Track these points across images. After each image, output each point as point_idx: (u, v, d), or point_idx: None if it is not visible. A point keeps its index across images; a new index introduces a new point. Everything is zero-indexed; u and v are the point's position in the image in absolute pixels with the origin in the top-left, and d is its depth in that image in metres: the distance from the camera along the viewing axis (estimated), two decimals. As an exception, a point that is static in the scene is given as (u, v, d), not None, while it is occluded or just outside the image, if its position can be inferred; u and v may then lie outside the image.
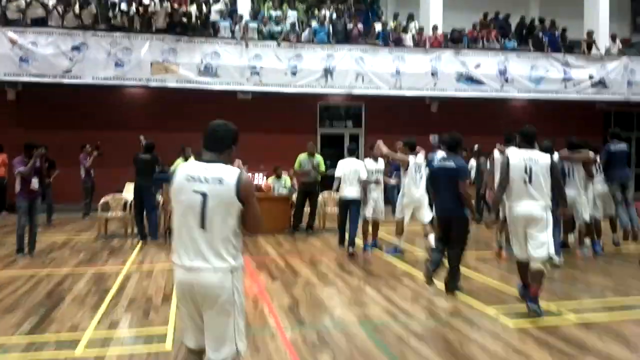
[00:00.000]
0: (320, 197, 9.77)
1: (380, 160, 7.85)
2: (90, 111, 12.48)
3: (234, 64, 12.45)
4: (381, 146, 7.13)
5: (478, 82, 13.94)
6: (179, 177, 2.52)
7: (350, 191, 7.42)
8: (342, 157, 9.10)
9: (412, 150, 7.37)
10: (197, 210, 2.43)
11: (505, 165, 4.72)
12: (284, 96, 13.02)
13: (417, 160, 7.19)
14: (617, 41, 14.92)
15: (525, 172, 4.58)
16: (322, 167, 9.42)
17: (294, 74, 12.80)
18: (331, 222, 9.70)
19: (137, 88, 12.52)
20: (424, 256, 7.09)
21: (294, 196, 9.61)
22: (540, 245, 4.54)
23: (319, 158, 9.46)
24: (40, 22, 11.48)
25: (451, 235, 5.30)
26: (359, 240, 7.67)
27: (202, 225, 2.43)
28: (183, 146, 8.83)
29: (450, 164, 5.26)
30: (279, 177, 10.22)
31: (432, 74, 13.58)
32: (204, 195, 2.44)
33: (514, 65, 13.94)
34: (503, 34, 14.84)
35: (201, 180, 2.47)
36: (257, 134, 13.10)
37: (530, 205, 4.58)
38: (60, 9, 11.64)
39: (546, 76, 14.04)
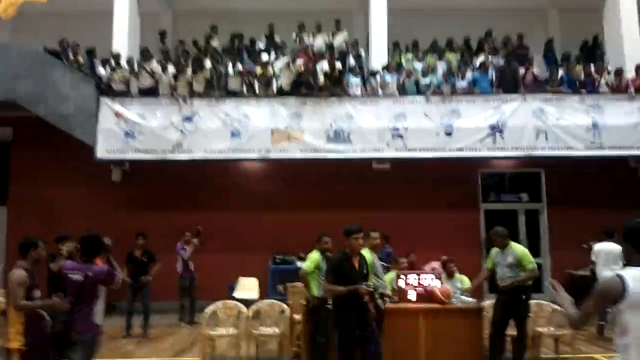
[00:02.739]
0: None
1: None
2: (201, 190, 10.48)
3: (370, 127, 9.82)
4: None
5: None
6: (637, 286, 2.40)
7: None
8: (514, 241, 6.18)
9: None
10: None
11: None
12: (433, 163, 9.97)
13: None
14: None
15: None
16: (530, 265, 5.91)
17: (449, 134, 9.79)
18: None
19: (255, 161, 10.31)
20: None
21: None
22: None
23: (518, 251, 6.00)
24: (148, 92, 9.94)
25: None
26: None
27: None
28: (321, 236, 5.97)
29: None
30: (451, 275, 6.90)
31: (644, 127, 9.78)
32: None
33: None
34: None
35: None
36: (397, 213, 10.11)
37: None
38: (171, 76, 10.05)
39: None
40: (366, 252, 5.63)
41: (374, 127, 9.81)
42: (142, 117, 9.73)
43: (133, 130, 9.67)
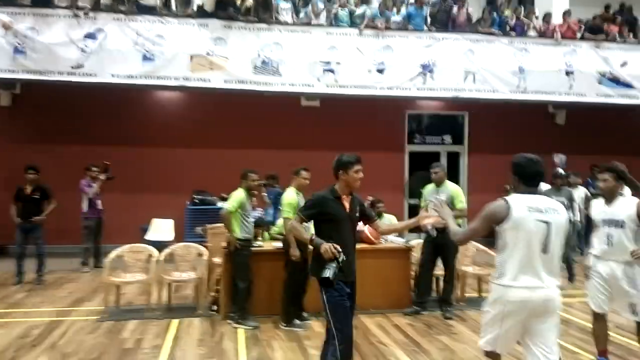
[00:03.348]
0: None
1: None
2: (108, 120, 9.36)
3: (300, 59, 9.14)
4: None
5: (625, 84, 10.28)
6: (520, 210, 2.71)
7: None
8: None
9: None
10: (540, 237, 2.69)
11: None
12: (363, 102, 9.69)
13: None
14: None
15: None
16: (460, 204, 5.83)
17: (380, 71, 9.40)
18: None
19: (172, 89, 9.32)
20: None
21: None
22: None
23: (452, 189, 5.89)
24: (42, 1, 8.46)
25: None
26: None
27: (545, 250, 2.70)
28: (246, 172, 5.41)
29: None
30: (379, 215, 6.72)
31: (567, 74, 9.99)
32: (548, 223, 2.70)
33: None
34: (630, 29, 11.12)
35: (542, 210, 2.73)
36: (324, 152, 9.66)
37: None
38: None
39: None
40: (292, 192, 5.24)
41: (305, 59, 9.14)
42: (34, 30, 8.29)
43: (24, 45, 8.24)
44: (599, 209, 3.94)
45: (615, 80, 10.23)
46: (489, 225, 2.79)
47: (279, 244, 5.37)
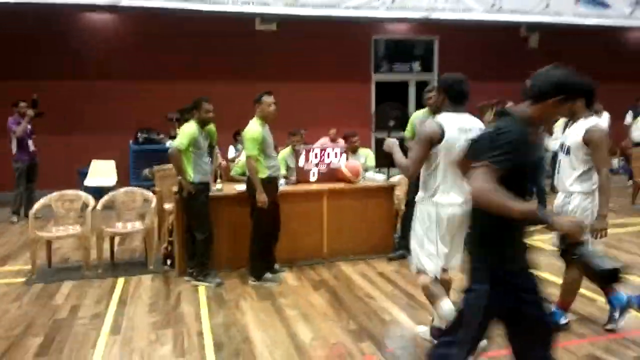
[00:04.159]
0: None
1: None
2: (30, 50, 7.95)
3: (254, -27, 7.94)
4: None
5: (601, 4, 9.73)
6: (451, 130, 2.77)
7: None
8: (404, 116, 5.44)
9: None
10: None
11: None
12: (325, 26, 8.74)
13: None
14: None
15: None
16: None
17: (345, -12, 8.34)
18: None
19: (103, 10, 7.95)
20: None
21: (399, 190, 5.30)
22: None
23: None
24: None
25: None
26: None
27: None
28: (199, 101, 4.40)
29: None
30: (354, 150, 5.97)
31: (544, -9, 9.29)
32: None
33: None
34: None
35: (468, 130, 2.76)
36: (284, 84, 8.78)
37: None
38: None
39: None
40: (256, 125, 4.35)
41: (258, -27, 7.94)
42: None
43: None
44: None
45: (592, 1, 9.67)
46: (428, 149, 2.78)
47: (242, 187, 4.55)
